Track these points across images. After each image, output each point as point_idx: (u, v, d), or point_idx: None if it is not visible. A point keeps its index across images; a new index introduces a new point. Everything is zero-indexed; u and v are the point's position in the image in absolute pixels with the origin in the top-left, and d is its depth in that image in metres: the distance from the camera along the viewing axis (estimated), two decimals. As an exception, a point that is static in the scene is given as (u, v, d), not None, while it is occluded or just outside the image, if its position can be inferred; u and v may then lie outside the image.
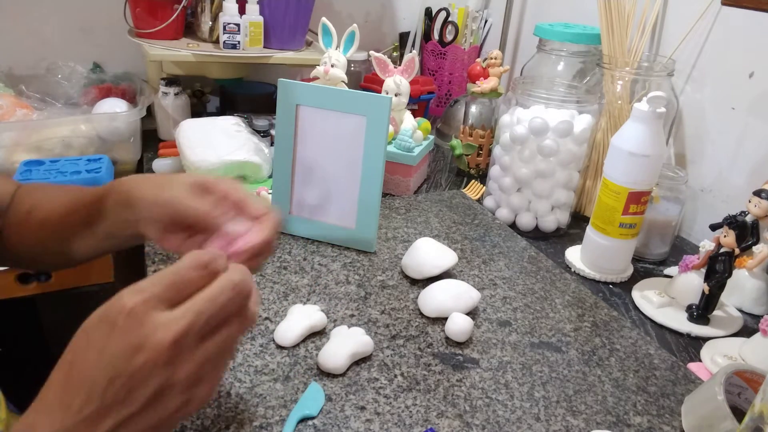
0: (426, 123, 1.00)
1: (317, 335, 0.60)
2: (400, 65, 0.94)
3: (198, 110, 1.18)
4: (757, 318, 0.71)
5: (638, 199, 0.73)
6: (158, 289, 0.31)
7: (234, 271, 0.34)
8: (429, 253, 0.71)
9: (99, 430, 0.30)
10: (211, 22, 1.08)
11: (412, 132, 0.93)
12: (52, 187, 0.57)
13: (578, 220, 0.94)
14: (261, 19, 1.05)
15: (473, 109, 1.11)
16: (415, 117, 1.00)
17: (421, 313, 0.66)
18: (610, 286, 0.78)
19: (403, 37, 1.41)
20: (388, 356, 0.58)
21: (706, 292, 0.68)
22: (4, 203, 0.53)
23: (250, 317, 0.35)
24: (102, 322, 0.30)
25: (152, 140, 1.07)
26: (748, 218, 0.67)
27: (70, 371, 0.30)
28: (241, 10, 1.03)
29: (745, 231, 0.66)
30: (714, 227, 0.68)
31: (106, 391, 0.29)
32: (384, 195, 0.92)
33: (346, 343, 0.56)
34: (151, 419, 0.31)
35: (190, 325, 0.30)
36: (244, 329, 0.35)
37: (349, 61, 0.98)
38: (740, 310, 0.74)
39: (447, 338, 0.62)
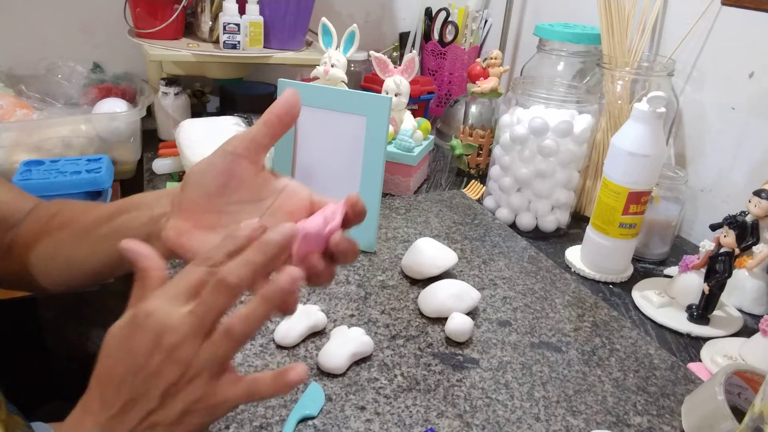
0: (426, 123, 1.00)
1: (317, 335, 0.60)
2: (400, 65, 0.94)
3: (198, 110, 1.18)
4: (757, 318, 0.71)
5: (638, 199, 0.73)
6: (173, 291, 0.34)
7: (229, 269, 0.34)
8: (429, 253, 0.71)
9: (128, 423, 0.33)
10: (211, 22, 1.08)
11: (412, 132, 0.93)
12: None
13: (578, 220, 0.94)
14: (261, 19, 1.05)
15: (473, 109, 1.11)
16: (415, 117, 1.00)
17: (421, 313, 0.66)
18: (610, 286, 0.78)
19: (403, 37, 1.41)
20: (388, 356, 0.58)
21: (706, 292, 0.68)
22: (15, 217, 0.52)
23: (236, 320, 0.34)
24: (128, 324, 0.34)
25: (152, 140, 1.07)
26: (748, 218, 0.67)
27: (103, 369, 0.34)
28: (241, 10, 1.03)
29: (745, 231, 0.66)
30: (714, 227, 0.68)
31: (132, 385, 0.33)
32: (384, 195, 0.92)
33: (346, 343, 0.56)
34: (169, 416, 0.33)
35: (194, 327, 0.33)
36: (236, 329, 0.34)
37: (349, 61, 0.98)
38: (740, 310, 0.74)
39: (447, 338, 0.62)
